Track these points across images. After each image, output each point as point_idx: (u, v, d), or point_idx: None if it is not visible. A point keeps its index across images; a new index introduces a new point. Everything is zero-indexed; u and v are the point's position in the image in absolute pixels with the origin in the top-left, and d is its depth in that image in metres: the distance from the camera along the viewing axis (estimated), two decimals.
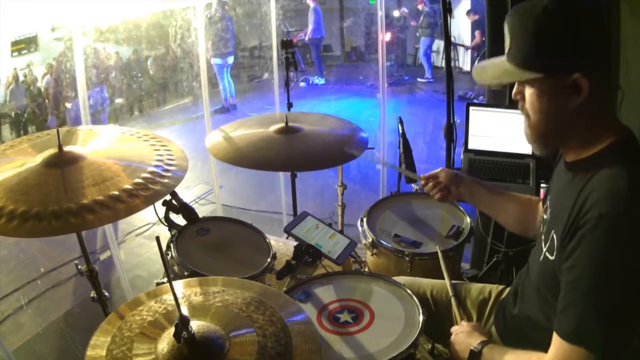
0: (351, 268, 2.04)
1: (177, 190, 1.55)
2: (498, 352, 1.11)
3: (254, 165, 1.71)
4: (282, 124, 1.86)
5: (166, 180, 1.32)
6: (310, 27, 8.05)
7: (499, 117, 2.18)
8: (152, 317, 1.05)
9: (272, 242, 1.76)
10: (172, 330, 0.93)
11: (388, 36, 7.95)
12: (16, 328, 2.65)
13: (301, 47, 8.09)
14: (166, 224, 1.71)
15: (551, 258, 1.02)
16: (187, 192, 4.21)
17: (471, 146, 2.25)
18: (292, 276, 1.54)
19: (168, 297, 1.10)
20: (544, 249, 1.06)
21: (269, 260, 1.65)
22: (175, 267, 1.57)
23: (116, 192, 1.22)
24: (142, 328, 1.01)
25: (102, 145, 1.45)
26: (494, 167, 2.17)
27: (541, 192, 2.06)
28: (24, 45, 5.90)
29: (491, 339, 1.20)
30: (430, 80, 7.92)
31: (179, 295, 1.10)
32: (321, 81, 8.33)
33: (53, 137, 1.36)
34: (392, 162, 2.00)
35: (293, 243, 1.69)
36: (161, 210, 1.66)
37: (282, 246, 2.02)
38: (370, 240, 1.77)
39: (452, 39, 7.73)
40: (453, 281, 1.51)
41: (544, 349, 0.97)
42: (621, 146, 0.96)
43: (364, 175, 4.36)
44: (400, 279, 1.48)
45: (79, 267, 1.51)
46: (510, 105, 2.30)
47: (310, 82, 8.27)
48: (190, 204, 1.74)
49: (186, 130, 6.40)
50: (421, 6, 7.86)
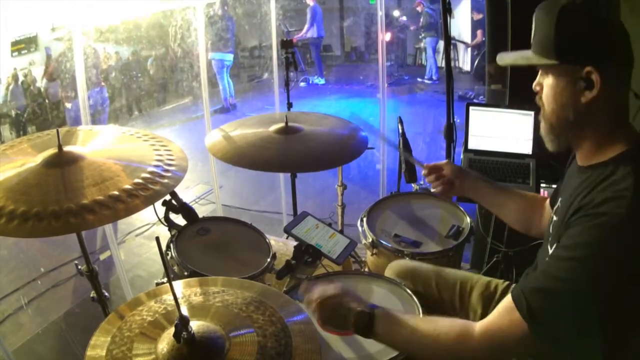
0: (351, 268, 2.04)
1: (177, 190, 1.55)
2: (390, 317, 1.05)
3: (254, 165, 1.71)
4: (282, 124, 1.86)
5: (166, 180, 1.32)
6: (306, 26, 8.04)
7: (499, 117, 2.18)
8: (152, 317, 1.05)
9: (272, 242, 1.76)
10: (172, 330, 0.93)
11: (388, 36, 7.94)
12: (16, 328, 2.65)
13: (301, 47, 8.09)
14: (166, 224, 1.71)
15: None
16: (187, 192, 4.21)
17: (471, 146, 2.25)
18: (292, 276, 1.54)
19: (168, 297, 1.10)
20: (551, 251, 1.06)
21: (269, 260, 1.65)
22: (175, 267, 1.57)
23: (116, 192, 1.22)
24: (142, 328, 1.02)
25: (102, 145, 1.45)
26: (494, 167, 2.17)
27: (541, 193, 2.06)
28: (24, 45, 5.90)
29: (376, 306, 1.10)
30: (435, 82, 7.88)
31: (179, 295, 1.10)
32: (321, 81, 8.32)
33: (53, 137, 1.36)
34: (393, 163, 2.00)
35: (293, 243, 1.69)
36: (161, 210, 1.66)
37: (282, 246, 2.02)
38: (370, 240, 1.77)
39: (453, 39, 7.73)
40: (460, 271, 1.52)
41: (546, 350, 0.97)
42: (633, 156, 0.96)
43: (364, 175, 4.36)
44: (402, 264, 1.48)
45: (79, 267, 1.51)
46: (510, 105, 2.30)
47: (310, 82, 8.26)
48: (190, 204, 1.74)
49: (186, 130, 6.39)
50: (420, 8, 7.85)
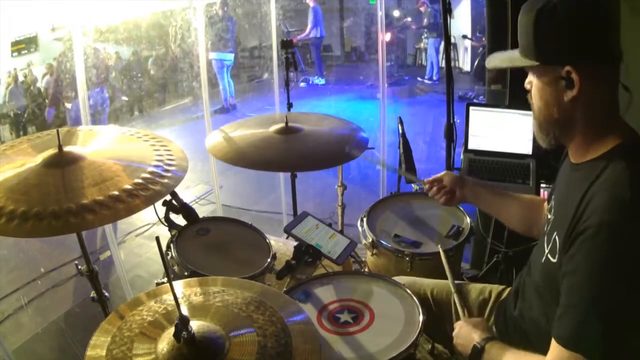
0: (351, 268, 2.04)
1: (177, 190, 1.55)
2: (500, 350, 1.11)
3: (254, 165, 1.71)
4: (282, 124, 1.86)
5: (166, 180, 1.32)
6: (309, 27, 8.04)
7: (499, 117, 2.18)
8: (152, 317, 1.05)
9: (272, 242, 1.76)
10: (172, 330, 0.93)
11: (388, 36, 7.93)
12: (16, 328, 2.65)
13: (301, 47, 8.08)
14: (166, 224, 1.71)
15: (553, 260, 1.02)
16: (187, 192, 4.20)
17: (471, 146, 2.25)
18: (292, 276, 1.54)
19: (168, 297, 1.10)
20: (546, 251, 1.06)
21: (269, 260, 1.65)
22: (175, 267, 1.57)
23: (116, 192, 1.22)
24: (142, 328, 1.01)
25: (102, 145, 1.45)
26: (494, 168, 2.17)
27: (541, 193, 2.07)
28: (24, 45, 5.89)
29: (494, 336, 1.20)
30: (435, 82, 7.88)
31: (179, 295, 1.10)
32: (321, 81, 8.32)
33: (53, 137, 1.36)
34: (393, 162, 2.00)
35: (293, 243, 1.69)
36: (161, 210, 1.66)
37: (282, 246, 2.02)
38: (370, 240, 1.77)
39: (453, 39, 7.73)
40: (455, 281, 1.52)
41: (545, 350, 0.97)
42: (626, 150, 0.96)
43: (364, 175, 4.35)
44: (400, 279, 1.48)
45: (79, 267, 1.51)
46: (510, 105, 2.30)
47: (310, 82, 8.26)
48: (190, 204, 1.75)
49: (186, 130, 6.39)
50: (423, 8, 7.84)
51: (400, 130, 2.23)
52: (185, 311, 0.95)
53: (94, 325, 1.03)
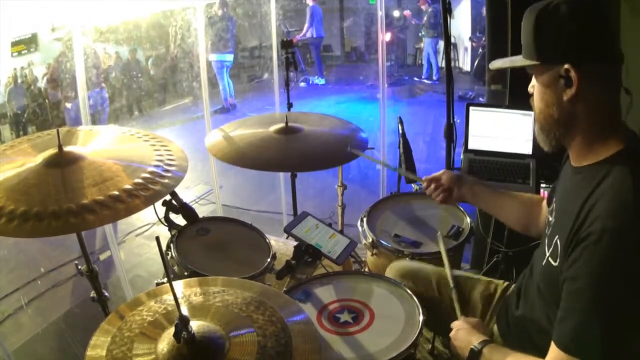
0: (351, 268, 2.04)
1: (177, 190, 1.55)
2: (498, 353, 1.11)
3: (254, 165, 1.71)
4: (282, 124, 1.86)
5: (166, 180, 1.32)
6: (306, 26, 8.03)
7: (499, 117, 2.18)
8: (152, 317, 1.05)
9: (272, 242, 1.76)
10: (172, 330, 0.93)
11: (388, 36, 7.93)
12: (16, 328, 2.64)
13: (301, 47, 8.08)
14: (166, 224, 1.71)
15: (554, 264, 1.01)
16: (187, 192, 4.20)
17: (471, 146, 2.25)
18: (292, 276, 1.54)
19: (168, 297, 1.10)
20: (547, 254, 1.06)
21: (269, 260, 1.65)
22: (175, 267, 1.57)
23: (116, 192, 1.22)
24: (142, 328, 1.01)
25: (102, 145, 1.45)
26: (494, 168, 2.17)
27: (541, 192, 2.06)
28: (24, 46, 5.89)
29: (492, 339, 1.20)
30: (434, 82, 7.86)
31: (179, 295, 1.10)
32: (321, 81, 8.32)
33: (53, 137, 1.36)
34: (393, 162, 2.00)
35: (293, 243, 1.69)
36: (161, 210, 1.66)
37: (282, 246, 2.02)
38: (370, 240, 1.77)
39: (453, 39, 7.73)
40: (459, 272, 1.52)
41: (546, 352, 0.97)
42: (629, 155, 0.96)
43: (364, 175, 4.35)
44: (405, 264, 1.48)
45: (79, 267, 1.51)
46: (510, 105, 2.30)
47: (310, 82, 8.26)
48: (190, 204, 1.75)
49: (186, 130, 6.39)
50: (425, 6, 7.84)
51: (400, 130, 2.23)
52: (185, 311, 0.95)
53: (94, 325, 1.03)
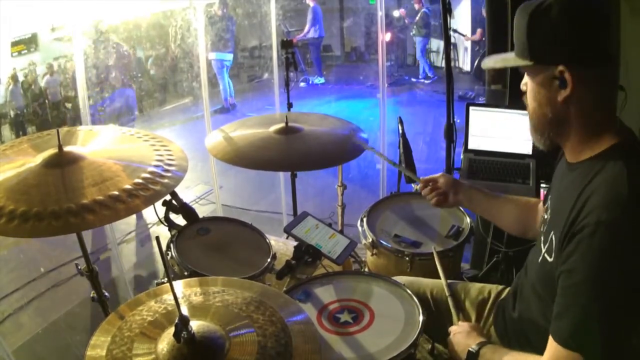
0: (351, 268, 2.04)
1: (177, 190, 1.55)
2: (496, 353, 1.11)
3: (254, 165, 1.71)
4: (282, 124, 1.86)
5: (166, 180, 1.32)
6: (307, 26, 8.04)
7: (499, 117, 2.18)
8: (152, 317, 1.05)
9: (272, 242, 1.76)
10: (172, 330, 0.93)
11: (388, 36, 7.93)
12: (16, 328, 2.64)
13: (301, 47, 8.08)
14: (166, 224, 1.71)
15: (550, 260, 1.02)
16: (187, 192, 4.20)
17: (471, 146, 2.25)
18: (292, 276, 1.54)
19: (168, 297, 1.10)
20: (543, 250, 1.06)
21: (269, 260, 1.65)
22: (175, 267, 1.57)
23: (116, 192, 1.22)
24: (142, 328, 1.01)
25: (102, 145, 1.45)
26: (494, 168, 2.17)
27: (541, 193, 2.06)
28: (24, 46, 5.89)
29: (490, 340, 1.20)
30: (433, 78, 7.88)
31: (179, 295, 1.10)
32: (321, 81, 8.32)
33: (53, 137, 1.36)
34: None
35: (293, 243, 1.69)
36: (161, 210, 1.66)
37: (282, 246, 2.02)
38: (370, 240, 1.77)
39: (453, 39, 7.73)
40: (452, 281, 1.51)
41: (544, 350, 0.97)
42: (623, 149, 0.96)
43: (364, 175, 4.36)
44: (400, 279, 1.48)
45: (79, 267, 1.51)
46: (510, 105, 2.30)
47: (310, 82, 8.26)
48: (190, 204, 1.75)
49: (186, 130, 6.39)
50: (417, 5, 7.85)
51: (400, 130, 2.23)
52: (185, 311, 0.95)
53: (94, 325, 1.03)
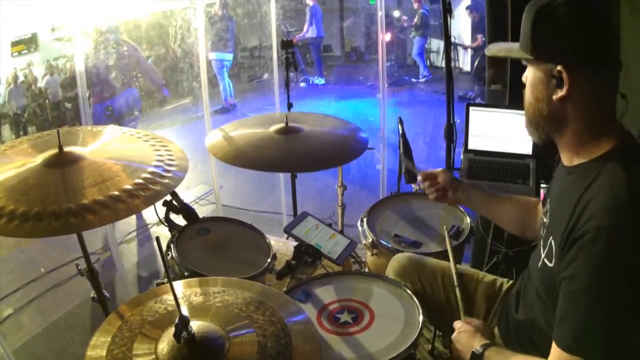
0: (351, 268, 2.04)
1: (177, 190, 1.55)
2: (500, 356, 1.11)
3: (254, 165, 1.71)
4: (282, 124, 1.86)
5: (166, 180, 1.32)
6: (305, 25, 8.04)
7: (499, 117, 2.18)
8: (152, 317, 1.05)
9: (272, 242, 1.76)
10: (172, 330, 0.93)
11: (388, 36, 7.93)
12: (16, 328, 2.65)
13: (301, 47, 8.08)
14: (166, 225, 1.71)
15: (550, 265, 1.01)
16: (187, 193, 4.20)
17: (471, 146, 2.25)
18: (292, 276, 1.54)
19: (168, 297, 1.10)
20: (543, 255, 1.06)
21: (269, 260, 1.65)
22: (175, 268, 1.57)
23: (116, 192, 1.22)
24: (142, 328, 1.02)
25: (102, 145, 1.45)
26: (494, 168, 2.17)
27: (541, 193, 2.06)
28: (25, 46, 5.89)
29: (493, 341, 1.20)
30: (428, 77, 7.90)
31: (179, 295, 1.10)
32: (321, 81, 8.31)
33: (53, 138, 1.36)
34: (393, 163, 1.99)
35: (293, 243, 1.69)
36: (161, 210, 1.66)
37: (282, 246, 2.02)
38: (370, 240, 1.77)
39: (452, 39, 7.73)
40: (462, 267, 1.52)
41: (547, 353, 0.97)
42: (622, 153, 0.96)
43: (364, 175, 4.35)
44: (409, 257, 1.48)
45: (79, 267, 1.51)
46: (510, 105, 2.30)
47: (310, 83, 8.26)
48: (190, 205, 1.75)
49: (186, 130, 6.39)
50: (416, 5, 7.86)
51: (400, 130, 2.22)
52: (185, 311, 0.95)
53: (94, 325, 1.04)
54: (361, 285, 1.45)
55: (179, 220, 1.75)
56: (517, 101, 2.25)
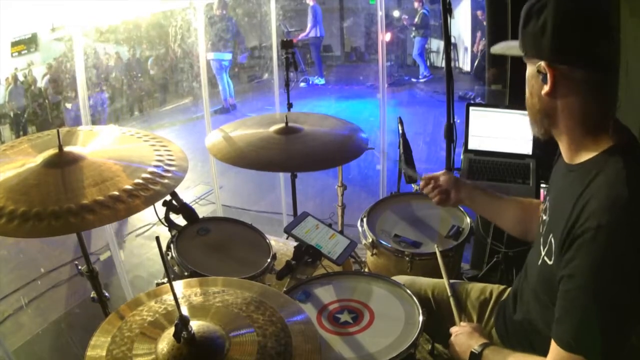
0: (351, 268, 2.04)
1: (177, 190, 1.55)
2: (498, 355, 1.11)
3: (254, 165, 1.71)
4: (282, 124, 1.86)
5: (166, 180, 1.32)
6: (309, 26, 8.04)
7: (499, 117, 2.18)
8: (152, 317, 1.05)
9: (272, 243, 1.76)
10: (172, 330, 0.93)
11: (388, 36, 7.94)
12: (16, 328, 2.64)
13: (301, 47, 8.08)
14: (166, 225, 1.71)
15: (549, 263, 1.01)
16: (187, 193, 4.21)
17: (471, 146, 2.25)
18: (292, 276, 1.54)
19: (168, 297, 1.10)
20: (543, 253, 1.05)
21: (269, 260, 1.65)
22: (175, 268, 1.57)
23: (116, 192, 1.22)
24: (142, 328, 1.02)
25: (102, 145, 1.45)
26: (494, 168, 2.17)
27: (541, 193, 2.06)
28: (25, 46, 5.90)
29: (492, 341, 1.20)
30: (428, 77, 7.90)
31: (179, 295, 1.10)
32: (321, 81, 8.32)
33: (53, 137, 1.36)
34: (393, 162, 2.00)
35: (293, 243, 1.69)
36: (161, 210, 1.66)
37: (282, 246, 2.02)
38: (370, 240, 1.77)
39: (453, 39, 7.73)
40: (454, 281, 1.51)
41: (545, 352, 0.97)
42: (622, 151, 0.95)
43: (364, 175, 4.36)
44: (400, 279, 1.48)
45: (79, 267, 1.51)
46: (510, 105, 2.30)
47: (310, 83, 8.26)
48: (190, 205, 1.75)
49: (186, 130, 6.39)
50: (417, 5, 7.86)
51: (400, 130, 2.23)
52: (185, 311, 0.95)
53: (94, 325, 1.03)
54: (361, 285, 1.45)
55: (179, 220, 1.75)
56: (517, 101, 2.26)
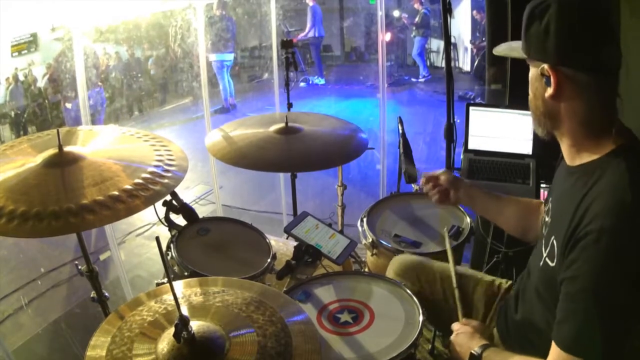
0: (351, 268, 2.04)
1: (177, 190, 1.55)
2: (498, 356, 1.11)
3: (254, 165, 1.71)
4: (282, 124, 1.86)
5: (166, 180, 1.32)
6: (308, 26, 8.05)
7: (499, 117, 2.18)
8: (152, 317, 1.05)
9: (272, 242, 1.76)
10: (172, 330, 0.93)
11: (388, 36, 7.93)
12: (16, 328, 2.64)
13: (301, 47, 8.08)
14: (166, 224, 1.71)
15: (551, 264, 1.01)
16: (187, 193, 4.21)
17: (471, 146, 2.25)
18: (292, 276, 1.54)
19: (168, 297, 1.10)
20: (544, 254, 1.05)
21: (269, 260, 1.65)
22: (175, 268, 1.57)
23: (116, 192, 1.22)
24: (142, 328, 1.02)
25: (102, 145, 1.45)
26: (494, 168, 2.17)
27: (541, 193, 2.06)
28: (25, 46, 5.90)
29: (492, 341, 1.20)
30: (427, 77, 7.91)
31: (179, 295, 1.10)
32: (321, 81, 8.32)
33: (53, 137, 1.36)
34: (393, 163, 2.00)
35: (293, 243, 1.69)
36: (161, 210, 1.66)
37: (282, 246, 2.02)
38: (370, 240, 1.77)
39: (453, 39, 7.73)
40: (462, 268, 1.51)
41: (546, 353, 0.97)
42: (624, 153, 0.95)
43: (364, 175, 4.35)
44: (408, 258, 1.48)
45: (79, 267, 1.51)
46: (510, 105, 2.30)
47: (310, 82, 8.26)
48: (190, 204, 1.75)
49: (186, 130, 6.40)
50: (417, 5, 7.85)
51: (400, 130, 2.23)
52: (185, 311, 0.95)
53: (94, 325, 1.03)
54: (361, 285, 1.45)
55: (179, 220, 1.75)
56: (517, 101, 2.26)
